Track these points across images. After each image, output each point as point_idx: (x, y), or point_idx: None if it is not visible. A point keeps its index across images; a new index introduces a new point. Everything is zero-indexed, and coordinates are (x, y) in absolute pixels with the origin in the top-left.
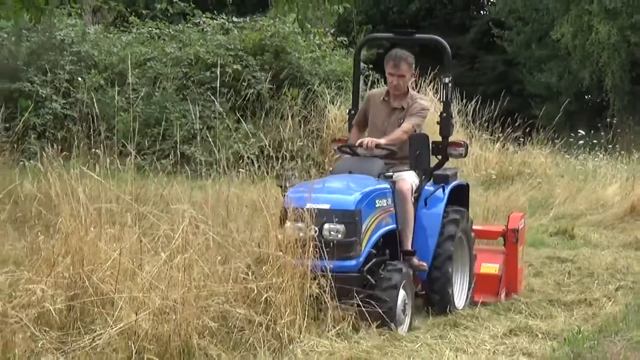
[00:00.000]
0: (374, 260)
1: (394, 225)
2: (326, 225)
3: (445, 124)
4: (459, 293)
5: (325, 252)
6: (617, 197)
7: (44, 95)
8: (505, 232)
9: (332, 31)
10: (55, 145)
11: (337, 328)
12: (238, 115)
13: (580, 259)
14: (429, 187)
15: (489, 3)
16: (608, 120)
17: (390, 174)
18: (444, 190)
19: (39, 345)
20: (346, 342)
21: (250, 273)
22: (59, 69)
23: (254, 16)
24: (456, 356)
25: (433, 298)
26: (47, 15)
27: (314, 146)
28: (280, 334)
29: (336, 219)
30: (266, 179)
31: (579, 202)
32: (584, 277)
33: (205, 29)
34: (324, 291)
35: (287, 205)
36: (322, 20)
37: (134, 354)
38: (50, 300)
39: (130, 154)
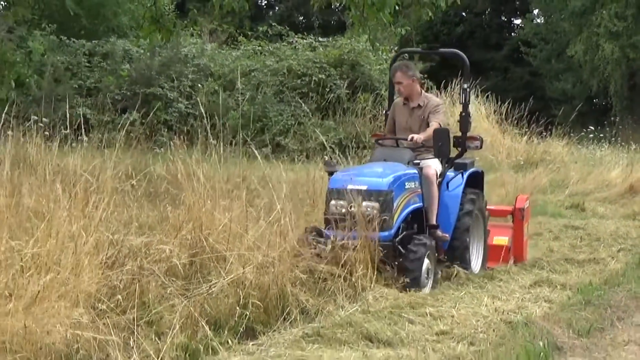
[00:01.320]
0: (404, 233)
1: (421, 204)
2: (364, 203)
3: (464, 122)
4: (475, 261)
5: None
6: (619, 178)
7: (171, 98)
8: (513, 211)
9: (395, 48)
10: (180, 137)
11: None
12: (322, 113)
13: (590, 227)
14: (450, 173)
15: (518, 27)
16: (612, 118)
17: (418, 161)
18: (462, 176)
19: (168, 291)
20: (405, 291)
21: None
22: (183, 77)
23: (335, 37)
24: (492, 302)
25: (453, 264)
26: (174, 35)
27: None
28: (355, 284)
29: (372, 198)
30: (344, 163)
31: (588, 182)
32: (592, 241)
33: (297, 47)
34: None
35: (332, 186)
36: (388, 39)
37: (241, 299)
38: (176, 257)
39: (238, 144)
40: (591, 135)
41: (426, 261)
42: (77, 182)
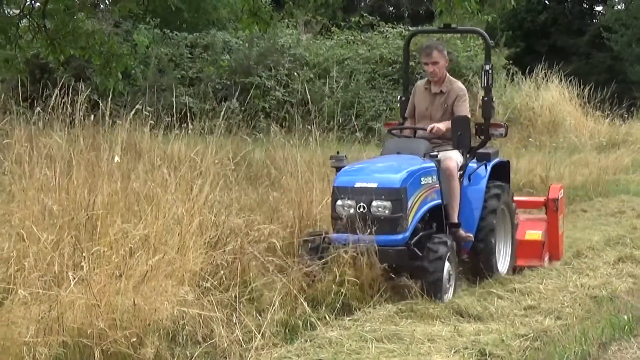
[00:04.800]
0: (420, 233)
1: (440, 201)
2: (374, 202)
3: (487, 107)
4: (502, 260)
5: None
6: None
7: (269, 86)
8: (546, 202)
9: None
10: (277, 123)
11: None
12: None
13: None
14: (472, 164)
15: (600, 13)
16: None
17: (436, 153)
18: (486, 167)
19: (268, 270)
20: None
21: None
22: (280, 67)
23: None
24: (578, 278)
25: (477, 267)
26: (271, 26)
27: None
28: None
29: (383, 196)
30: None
31: None
32: None
33: (387, 36)
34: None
35: (337, 184)
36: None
37: (337, 277)
38: (275, 236)
39: (333, 129)
40: None
41: (447, 264)
42: (181, 167)
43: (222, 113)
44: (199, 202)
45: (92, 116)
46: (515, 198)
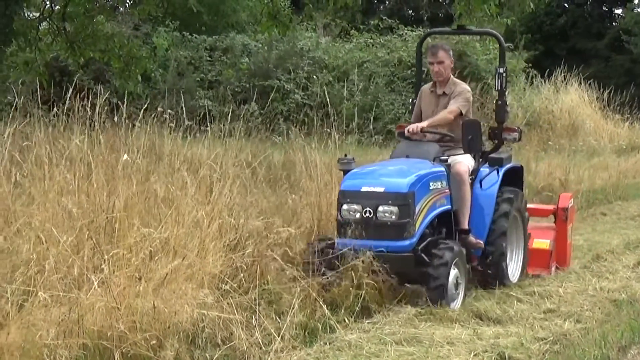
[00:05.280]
0: (428, 239)
1: (449, 206)
2: (380, 207)
3: (500, 111)
4: (514, 268)
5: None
6: None
7: (288, 89)
8: (556, 211)
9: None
10: (296, 126)
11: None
12: None
13: None
14: (484, 169)
15: (619, 16)
16: None
17: (446, 157)
18: (498, 173)
19: (287, 273)
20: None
21: None
22: (299, 70)
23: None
24: (598, 281)
25: (487, 273)
26: (290, 29)
27: (487, 124)
28: None
29: (390, 201)
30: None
31: None
32: None
33: (406, 39)
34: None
35: (343, 188)
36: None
37: (355, 280)
38: (293, 240)
39: (352, 132)
40: None
41: (454, 270)
42: (201, 170)
43: (242, 116)
44: (218, 205)
45: (113, 118)
46: None
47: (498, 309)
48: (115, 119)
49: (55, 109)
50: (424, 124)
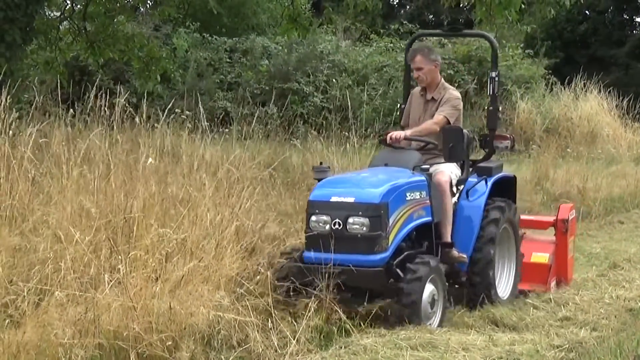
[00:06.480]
0: (405, 253)
1: (429, 218)
2: (350, 219)
3: (492, 118)
4: (504, 284)
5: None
6: None
7: (307, 92)
8: (555, 223)
9: (521, 45)
10: (315, 129)
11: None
12: None
13: None
14: (472, 179)
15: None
16: None
17: (427, 166)
18: (486, 183)
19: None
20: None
21: None
22: (318, 73)
23: None
24: (614, 289)
25: (473, 284)
26: (310, 32)
27: (506, 130)
28: None
29: (360, 212)
30: None
31: None
32: None
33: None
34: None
35: (312, 198)
36: (514, 37)
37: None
38: None
39: (370, 136)
40: None
41: (430, 286)
42: (219, 172)
43: (260, 118)
44: (236, 207)
45: (132, 119)
46: (521, 217)
47: (514, 315)
48: (136, 119)
49: (74, 108)
50: (408, 132)
